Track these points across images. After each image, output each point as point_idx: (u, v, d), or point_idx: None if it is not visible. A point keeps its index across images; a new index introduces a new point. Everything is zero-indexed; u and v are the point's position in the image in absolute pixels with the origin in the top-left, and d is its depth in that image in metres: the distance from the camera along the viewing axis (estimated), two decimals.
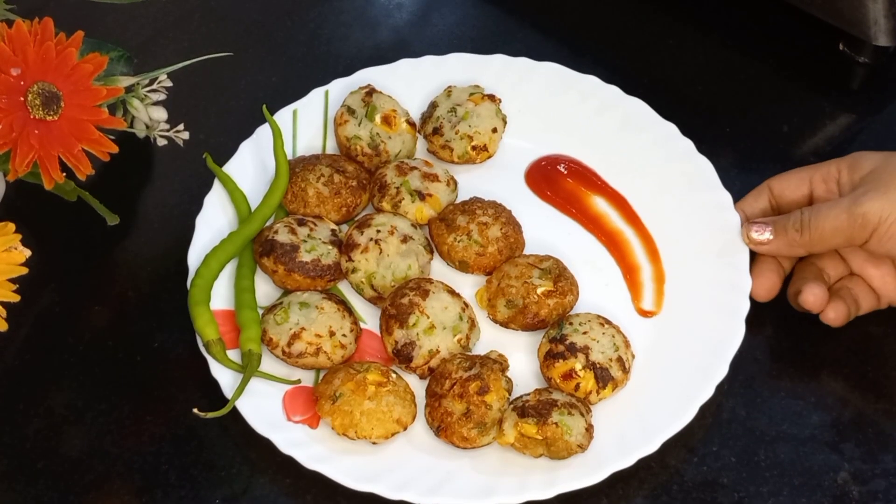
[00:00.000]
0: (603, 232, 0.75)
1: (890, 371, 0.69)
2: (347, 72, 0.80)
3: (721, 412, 0.67)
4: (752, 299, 0.69)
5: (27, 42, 0.60)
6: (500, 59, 0.81)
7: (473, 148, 0.76)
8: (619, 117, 0.78)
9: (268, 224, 0.73)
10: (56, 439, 0.67)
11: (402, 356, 0.67)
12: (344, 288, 0.72)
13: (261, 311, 0.69)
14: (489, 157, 0.77)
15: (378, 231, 0.70)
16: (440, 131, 0.76)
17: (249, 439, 0.65)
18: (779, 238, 0.68)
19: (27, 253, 0.60)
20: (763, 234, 0.68)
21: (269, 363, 0.67)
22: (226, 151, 0.76)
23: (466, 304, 0.69)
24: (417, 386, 0.67)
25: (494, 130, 0.76)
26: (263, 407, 0.65)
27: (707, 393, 0.65)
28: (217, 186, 0.75)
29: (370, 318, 0.71)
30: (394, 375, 0.66)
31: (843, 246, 0.67)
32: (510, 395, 0.65)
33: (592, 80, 0.80)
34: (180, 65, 0.74)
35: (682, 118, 0.77)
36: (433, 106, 0.78)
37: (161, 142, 0.73)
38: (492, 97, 0.77)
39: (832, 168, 0.70)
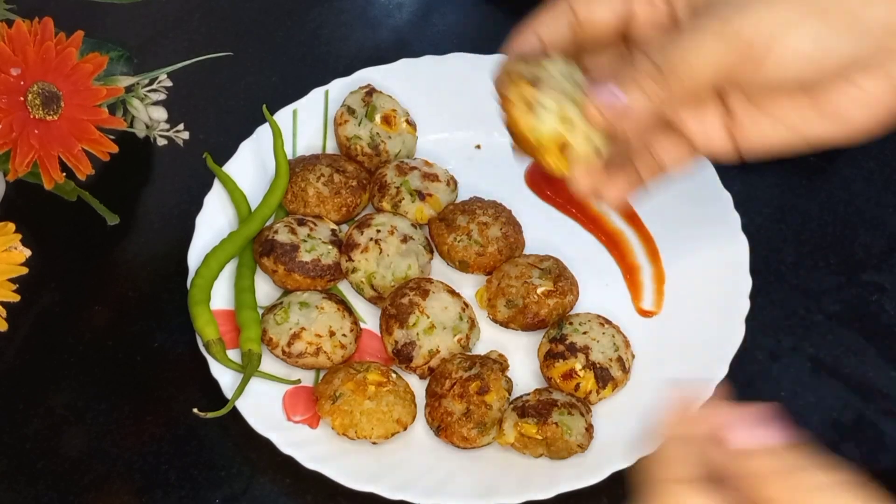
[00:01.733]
0: (603, 232, 0.75)
1: (890, 371, 0.69)
2: (347, 72, 0.80)
3: None
4: (751, 299, 0.69)
5: (27, 42, 0.60)
6: (500, 58, 0.81)
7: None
8: None
9: (268, 224, 0.73)
10: (56, 439, 0.67)
11: (402, 356, 0.67)
12: (344, 288, 0.72)
13: (261, 311, 0.69)
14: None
15: (378, 231, 0.70)
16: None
17: (249, 439, 0.65)
18: (633, 98, 0.46)
19: (27, 253, 0.60)
20: (617, 98, 0.46)
21: (269, 363, 0.67)
22: (226, 151, 0.76)
23: (466, 304, 0.69)
24: (417, 386, 0.67)
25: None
26: (263, 407, 0.65)
27: (707, 393, 0.65)
28: (217, 186, 0.75)
29: (370, 318, 0.71)
30: (394, 375, 0.66)
31: (720, 82, 0.48)
32: (510, 395, 0.65)
33: None
34: (180, 65, 0.74)
35: None
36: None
37: (161, 142, 0.73)
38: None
39: None
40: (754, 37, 0.45)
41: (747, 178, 0.75)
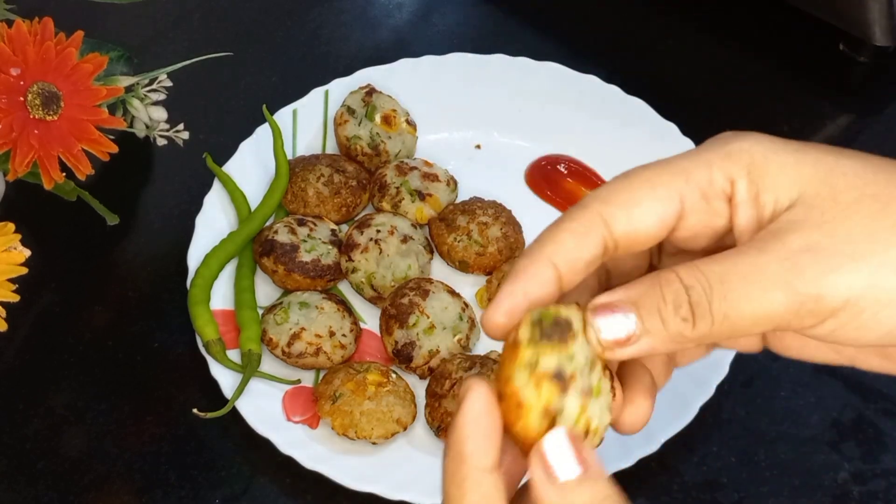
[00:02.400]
0: None
1: None
2: (347, 72, 0.80)
3: (721, 412, 0.67)
4: None
5: (27, 42, 0.60)
6: (500, 58, 0.81)
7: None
8: (620, 117, 0.78)
9: (268, 224, 0.73)
10: (56, 439, 0.67)
11: (402, 356, 0.67)
12: (344, 288, 0.72)
13: (261, 311, 0.69)
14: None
15: (378, 231, 0.70)
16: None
17: (249, 439, 0.65)
18: (651, 335, 0.35)
19: (27, 253, 0.60)
20: (623, 328, 0.35)
21: (269, 363, 0.67)
22: (226, 151, 0.76)
23: (466, 304, 0.69)
24: (417, 386, 0.67)
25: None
26: (263, 407, 0.65)
27: (707, 393, 0.65)
28: (217, 186, 0.75)
29: (370, 318, 0.71)
30: (394, 375, 0.66)
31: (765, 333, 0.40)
32: None
33: (592, 80, 0.80)
34: (180, 65, 0.74)
35: (682, 118, 0.77)
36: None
37: (161, 142, 0.73)
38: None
39: (715, 178, 0.36)
40: (833, 300, 0.34)
41: None
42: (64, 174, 0.62)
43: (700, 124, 0.78)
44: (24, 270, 0.60)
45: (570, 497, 0.33)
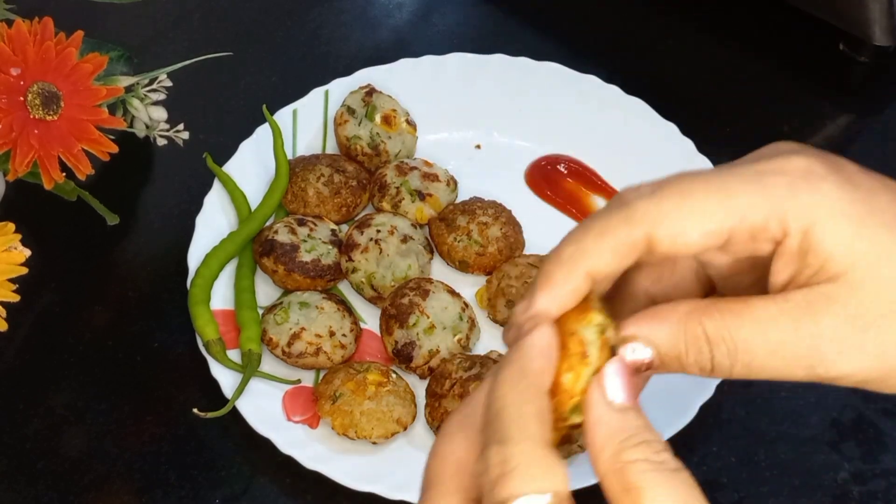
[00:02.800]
0: None
1: None
2: (347, 72, 0.80)
3: (721, 412, 0.67)
4: None
5: (27, 42, 0.60)
6: (499, 58, 0.81)
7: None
8: (620, 117, 0.78)
9: (268, 224, 0.73)
10: (56, 439, 0.67)
11: (402, 356, 0.67)
12: (344, 288, 0.72)
13: (261, 311, 0.69)
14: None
15: (378, 231, 0.70)
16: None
17: (249, 439, 0.65)
18: (668, 365, 0.36)
19: (27, 253, 0.60)
20: (641, 353, 0.36)
21: (269, 363, 0.67)
22: (226, 151, 0.76)
23: (466, 304, 0.69)
24: (417, 386, 0.67)
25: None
26: (263, 407, 0.65)
27: (707, 393, 0.65)
28: (217, 186, 0.75)
29: (370, 318, 0.71)
30: (394, 375, 0.66)
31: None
32: None
33: (592, 80, 0.80)
34: (180, 64, 0.74)
35: (682, 118, 0.77)
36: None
37: (161, 142, 0.73)
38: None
39: (772, 224, 0.35)
40: (849, 378, 0.35)
41: None
42: (64, 174, 0.62)
43: (700, 124, 0.78)
44: (25, 270, 0.60)
45: (623, 419, 0.34)
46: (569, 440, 0.35)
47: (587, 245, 0.35)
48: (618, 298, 0.39)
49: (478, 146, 0.80)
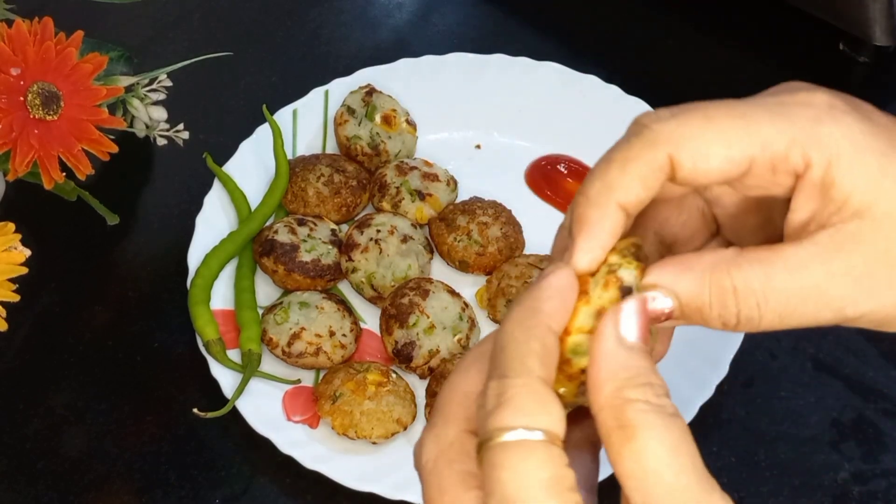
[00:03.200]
0: None
1: (890, 371, 0.69)
2: (347, 71, 0.80)
3: (721, 412, 0.67)
4: None
5: (27, 42, 0.60)
6: (500, 58, 0.81)
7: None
8: (620, 117, 0.78)
9: (268, 224, 0.73)
10: (56, 439, 0.67)
11: (402, 356, 0.67)
12: (344, 288, 0.72)
13: (261, 311, 0.69)
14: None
15: (378, 231, 0.70)
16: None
17: (249, 439, 0.65)
18: (690, 317, 0.35)
19: (27, 252, 0.60)
20: (662, 302, 0.34)
21: (269, 363, 0.67)
22: (226, 151, 0.76)
23: (466, 304, 0.69)
24: (417, 386, 0.67)
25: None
26: (263, 407, 0.65)
27: (707, 393, 0.65)
28: (217, 186, 0.75)
29: (370, 318, 0.71)
30: (394, 375, 0.66)
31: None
32: None
33: (592, 80, 0.80)
34: (180, 64, 0.74)
35: None
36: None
37: (161, 141, 0.73)
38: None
39: (794, 154, 0.34)
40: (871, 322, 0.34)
41: None
42: (64, 174, 0.62)
43: None
44: (25, 270, 0.60)
45: (631, 357, 0.33)
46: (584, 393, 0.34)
47: (613, 178, 0.34)
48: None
49: (478, 146, 0.80)
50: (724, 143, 0.34)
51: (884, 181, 0.33)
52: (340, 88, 0.79)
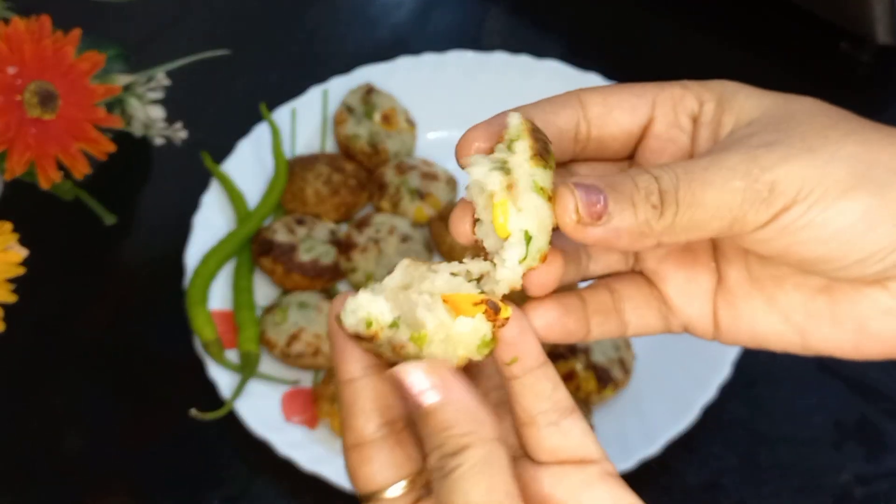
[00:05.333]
0: None
1: (892, 371, 0.69)
2: (346, 70, 0.80)
3: (723, 413, 0.67)
4: None
5: (24, 40, 0.60)
6: (500, 56, 0.81)
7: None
8: None
9: (266, 224, 0.73)
10: (55, 439, 0.67)
11: None
12: (343, 288, 0.72)
13: (259, 312, 0.69)
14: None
15: (377, 231, 0.70)
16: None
17: (248, 440, 0.64)
18: (622, 217, 0.36)
19: (24, 252, 0.60)
20: (595, 208, 0.36)
21: (267, 363, 0.67)
22: (224, 150, 0.76)
23: None
24: None
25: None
26: (262, 408, 0.65)
27: (709, 394, 0.65)
28: (215, 186, 0.74)
29: None
30: None
31: (720, 235, 0.37)
32: None
33: (593, 78, 0.79)
34: (178, 63, 0.73)
35: None
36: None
37: (158, 141, 0.73)
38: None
39: (688, 95, 0.40)
40: (787, 188, 0.36)
41: None
42: (61, 173, 0.61)
43: None
44: (22, 270, 0.60)
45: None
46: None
47: (525, 106, 0.42)
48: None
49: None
50: (627, 87, 0.40)
51: (765, 100, 0.39)
52: (339, 87, 0.79)
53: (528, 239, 0.36)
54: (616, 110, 0.39)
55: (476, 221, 0.37)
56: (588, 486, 0.37)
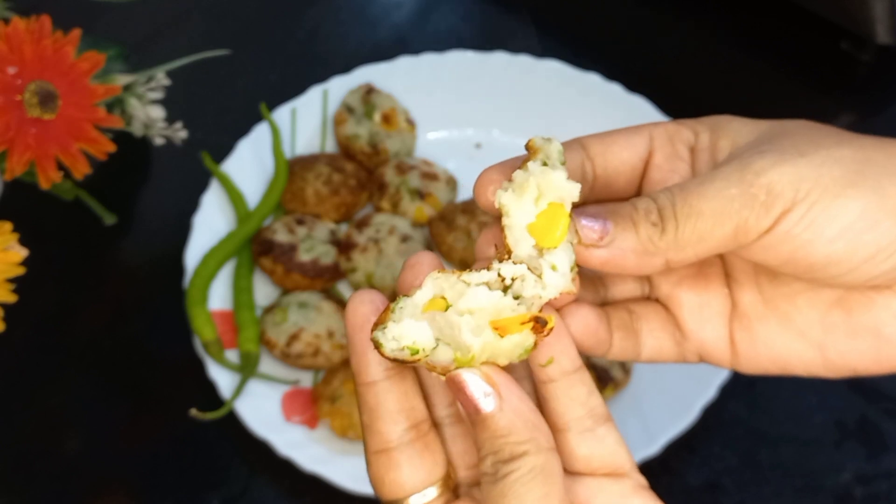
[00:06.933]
0: None
1: None
2: (346, 70, 0.80)
3: (723, 413, 0.67)
4: None
5: (24, 40, 0.60)
6: (500, 56, 0.81)
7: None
8: (621, 115, 0.78)
9: (266, 224, 0.72)
10: (54, 439, 0.67)
11: None
12: (343, 288, 0.72)
13: (259, 312, 0.69)
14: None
15: (377, 231, 0.70)
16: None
17: (248, 440, 0.64)
18: (624, 237, 0.37)
19: (24, 252, 0.60)
20: (594, 230, 0.37)
21: (267, 364, 0.67)
22: (224, 150, 0.76)
23: None
24: None
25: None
26: (262, 408, 0.65)
27: (709, 394, 0.65)
28: (215, 185, 0.74)
29: None
30: None
31: (726, 247, 0.38)
32: None
33: (594, 78, 0.79)
34: (178, 63, 0.73)
35: (683, 116, 0.76)
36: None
37: (158, 140, 0.73)
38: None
39: (682, 128, 0.42)
40: (783, 190, 0.36)
41: None
42: (62, 173, 0.61)
43: None
44: (22, 270, 0.60)
45: None
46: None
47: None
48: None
49: (478, 145, 0.79)
50: (623, 130, 0.41)
51: (760, 126, 0.40)
52: (339, 87, 0.79)
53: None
54: (615, 146, 0.40)
55: (503, 229, 0.36)
56: (625, 499, 0.37)
